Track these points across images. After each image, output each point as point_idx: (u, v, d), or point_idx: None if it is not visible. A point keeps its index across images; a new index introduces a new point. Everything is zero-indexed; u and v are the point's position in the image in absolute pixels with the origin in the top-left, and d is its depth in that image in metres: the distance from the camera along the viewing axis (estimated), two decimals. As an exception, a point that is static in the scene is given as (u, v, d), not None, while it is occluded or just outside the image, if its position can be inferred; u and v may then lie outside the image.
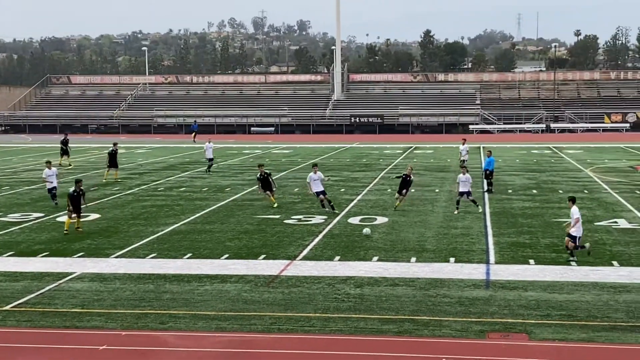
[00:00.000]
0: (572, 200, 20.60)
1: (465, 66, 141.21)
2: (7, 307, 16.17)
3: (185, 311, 15.79)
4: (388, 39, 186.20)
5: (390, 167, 46.52)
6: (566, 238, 20.21)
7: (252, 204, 30.49)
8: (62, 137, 51.37)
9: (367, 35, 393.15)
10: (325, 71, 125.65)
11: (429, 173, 42.46)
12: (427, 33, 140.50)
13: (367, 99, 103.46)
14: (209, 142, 44.22)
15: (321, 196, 28.22)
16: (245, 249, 21.99)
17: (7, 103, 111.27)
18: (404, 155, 56.29)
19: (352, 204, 30.59)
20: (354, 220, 26.65)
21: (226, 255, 21.10)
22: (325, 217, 27.24)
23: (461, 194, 28.63)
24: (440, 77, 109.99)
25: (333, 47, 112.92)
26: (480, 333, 14.25)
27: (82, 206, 25.07)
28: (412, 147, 64.67)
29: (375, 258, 20.55)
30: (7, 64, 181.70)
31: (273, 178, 30.63)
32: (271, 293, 17.16)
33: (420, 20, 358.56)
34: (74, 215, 24.63)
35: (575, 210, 20.03)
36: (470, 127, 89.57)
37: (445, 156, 54.60)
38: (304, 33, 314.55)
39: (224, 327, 14.74)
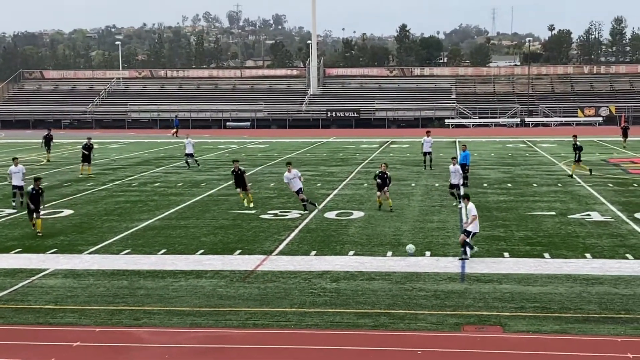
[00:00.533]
0: (467, 197, 20.57)
1: (441, 61, 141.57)
2: (-21, 305, 16.03)
3: (160, 307, 15.74)
4: (364, 34, 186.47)
5: (366, 161, 46.59)
6: (461, 235, 20.05)
7: (228, 199, 30.42)
8: (45, 132, 50.97)
9: (343, 29, 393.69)
10: (302, 65, 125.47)
11: (405, 167, 42.58)
12: (403, 27, 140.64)
13: (344, 94, 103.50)
14: (188, 138, 44.11)
15: (301, 195, 27.56)
16: (220, 244, 21.95)
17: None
18: (380, 149, 56.39)
19: (328, 199, 30.62)
20: (330, 214, 26.68)
21: (201, 251, 21.06)
22: (301, 212, 27.23)
23: (452, 186, 28.79)
24: (416, 71, 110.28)
25: (309, 42, 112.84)
26: (455, 326, 14.34)
27: (40, 206, 23.78)
28: (388, 141, 64.80)
29: (352, 252, 20.60)
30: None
31: (246, 175, 29.74)
32: (247, 288, 17.15)
33: (396, 14, 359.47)
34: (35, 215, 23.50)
35: (472, 207, 19.97)
36: (446, 121, 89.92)
37: (419, 150, 54.69)
38: (279, 27, 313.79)
39: (199, 323, 14.71)
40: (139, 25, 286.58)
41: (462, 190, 28.81)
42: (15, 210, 28.08)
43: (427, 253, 20.44)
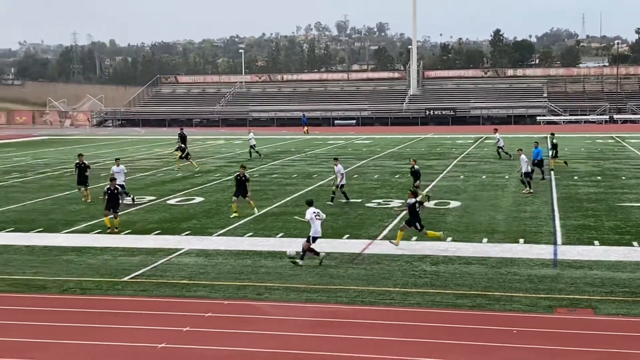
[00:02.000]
0: (309, 203, 18.51)
1: (533, 62, 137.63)
2: (126, 278, 16.66)
3: (279, 284, 15.95)
4: (460, 38, 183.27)
5: (462, 155, 45.85)
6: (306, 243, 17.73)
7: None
8: (178, 130, 51.08)
9: (441, 35, 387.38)
10: (402, 69, 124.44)
11: (499, 161, 41.66)
12: (497, 32, 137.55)
13: (441, 94, 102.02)
14: (250, 132, 48.45)
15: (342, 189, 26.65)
16: (330, 229, 22.04)
17: (123, 100, 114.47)
18: (475, 144, 55.37)
19: (427, 189, 30.27)
20: (429, 204, 26.37)
21: (315, 235, 21.18)
22: (403, 200, 27.03)
23: (526, 174, 28.05)
24: (510, 72, 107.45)
25: (409, 47, 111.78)
26: (548, 308, 13.94)
27: (117, 207, 22.32)
28: (482, 137, 63.51)
29: (450, 239, 20.31)
30: (122, 66, 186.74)
31: (250, 183, 25.51)
32: (354, 269, 17.17)
33: (490, 20, 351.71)
34: (109, 212, 22.10)
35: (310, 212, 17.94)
36: (538, 118, 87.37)
37: (514, 145, 53.32)
38: (382, 34, 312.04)
39: (313, 299, 14.82)
40: (258, 35, 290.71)
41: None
42: (155, 197, 28.94)
43: (521, 240, 19.94)
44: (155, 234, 21.70)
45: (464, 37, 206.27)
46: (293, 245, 18.43)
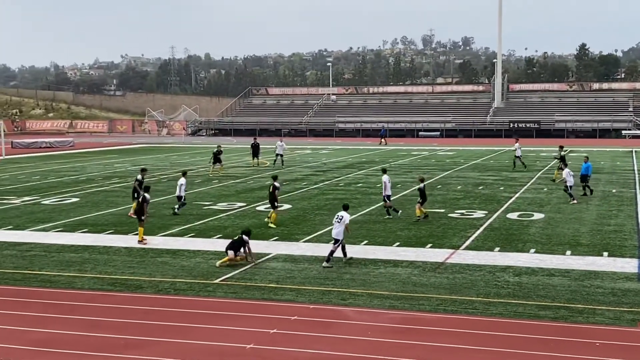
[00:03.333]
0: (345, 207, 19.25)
1: (619, 76, 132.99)
2: (217, 281, 17.00)
3: (363, 290, 15.94)
4: (545, 52, 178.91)
5: (546, 168, 44.73)
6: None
7: (421, 199, 30.25)
8: (251, 140, 50.92)
9: (526, 49, 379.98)
10: (487, 82, 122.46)
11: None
12: (583, 46, 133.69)
13: (525, 107, 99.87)
14: (282, 141, 49.32)
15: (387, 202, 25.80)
16: (414, 238, 21.91)
17: (216, 111, 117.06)
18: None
19: (510, 201, 29.69)
20: (513, 215, 25.87)
21: (397, 243, 21.11)
22: (486, 212, 26.63)
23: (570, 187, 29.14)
24: (595, 86, 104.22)
25: (494, 60, 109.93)
26: (631, 322, 13.44)
27: (143, 215, 21.75)
28: (567, 150, 61.69)
29: (533, 250, 19.86)
30: (216, 78, 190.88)
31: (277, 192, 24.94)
32: (437, 278, 17.00)
33: (575, 34, 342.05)
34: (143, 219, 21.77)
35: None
36: (623, 132, 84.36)
37: (599, 159, 51.80)
38: (467, 48, 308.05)
39: (396, 306, 14.76)
40: (346, 49, 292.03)
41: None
42: (245, 204, 29.46)
43: (605, 253, 19.29)
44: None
45: (549, 51, 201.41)
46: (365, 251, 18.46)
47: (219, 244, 21.10)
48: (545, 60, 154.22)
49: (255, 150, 48.96)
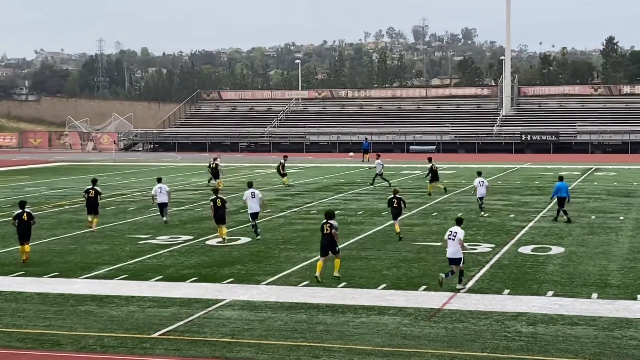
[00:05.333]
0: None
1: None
2: (156, 335, 16.87)
3: (340, 344, 15.93)
4: (564, 48, 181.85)
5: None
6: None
7: (412, 230, 30.45)
8: (211, 158, 53.12)
9: (541, 43, 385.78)
10: (493, 84, 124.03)
11: (612, 198, 40.98)
12: (610, 40, 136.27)
13: (540, 115, 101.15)
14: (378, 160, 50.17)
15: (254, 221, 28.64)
16: (404, 278, 21.97)
17: (156, 120, 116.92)
18: (583, 177, 54.57)
19: (522, 232, 29.95)
20: (526, 249, 26.08)
21: (383, 285, 21.15)
22: (492, 245, 26.83)
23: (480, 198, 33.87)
24: (626, 89, 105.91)
25: (502, 57, 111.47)
26: (674, 382, 13.58)
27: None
28: (592, 168, 62.62)
29: (550, 293, 20.02)
30: (156, 79, 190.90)
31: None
32: (433, 328, 17.05)
33: (601, 26, 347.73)
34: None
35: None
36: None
37: (631, 179, 52.55)
38: (469, 42, 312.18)
39: (381, 364, 14.76)
40: (319, 43, 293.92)
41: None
42: (192, 237, 29.37)
43: (639, 297, 19.51)
44: (192, 281, 21.95)
45: (569, 46, 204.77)
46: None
47: (158, 289, 20.99)
48: (565, 58, 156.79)
49: (215, 174, 49.79)
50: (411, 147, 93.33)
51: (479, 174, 35.90)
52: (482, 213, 34.29)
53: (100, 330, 17.27)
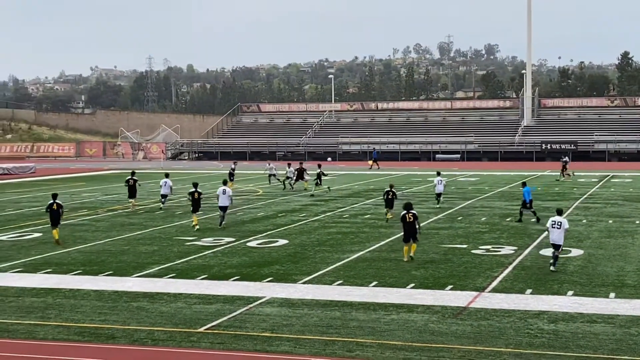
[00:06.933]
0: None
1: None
2: (201, 329, 16.94)
3: (372, 340, 15.88)
4: (582, 62, 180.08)
5: (585, 196, 44.75)
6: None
7: (438, 233, 30.30)
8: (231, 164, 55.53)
9: (560, 58, 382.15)
10: (514, 96, 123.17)
11: (629, 203, 40.48)
12: (625, 55, 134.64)
13: (559, 125, 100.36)
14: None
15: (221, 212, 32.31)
16: (431, 278, 21.87)
17: (200, 131, 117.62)
18: (600, 184, 53.98)
19: (543, 235, 29.62)
20: (547, 251, 25.80)
21: (412, 285, 21.07)
22: (515, 247, 26.62)
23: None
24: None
25: (523, 71, 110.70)
26: (689, 377, 13.37)
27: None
28: (608, 175, 61.91)
29: (570, 292, 19.81)
30: (200, 94, 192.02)
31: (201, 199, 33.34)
32: (459, 325, 16.94)
33: (617, 41, 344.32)
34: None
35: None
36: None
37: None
38: (491, 57, 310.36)
39: (411, 358, 14.68)
40: (350, 59, 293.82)
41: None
42: (234, 239, 29.47)
43: (655, 296, 19.25)
44: (234, 280, 22.02)
45: (586, 61, 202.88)
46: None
47: (203, 287, 21.09)
48: (582, 71, 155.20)
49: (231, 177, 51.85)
50: (437, 155, 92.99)
51: (438, 173, 40.44)
52: (439, 205, 38.88)
53: (151, 324, 17.37)
